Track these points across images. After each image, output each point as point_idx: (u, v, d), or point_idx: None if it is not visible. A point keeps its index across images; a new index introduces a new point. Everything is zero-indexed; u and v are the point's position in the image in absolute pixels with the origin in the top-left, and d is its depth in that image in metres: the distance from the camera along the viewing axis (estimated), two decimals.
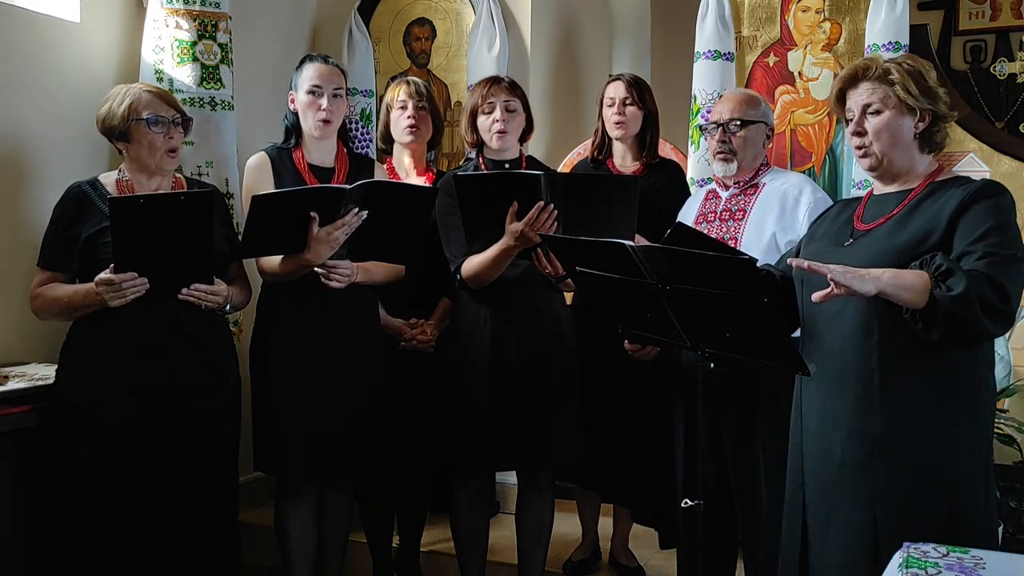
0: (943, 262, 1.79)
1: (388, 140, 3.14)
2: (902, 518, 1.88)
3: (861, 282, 1.75)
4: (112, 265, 2.33)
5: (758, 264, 2.25)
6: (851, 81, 2.04)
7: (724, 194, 2.68)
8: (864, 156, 2.03)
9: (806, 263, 1.80)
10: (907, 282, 1.78)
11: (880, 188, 2.09)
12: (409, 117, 3.02)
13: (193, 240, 2.37)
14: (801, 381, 2.10)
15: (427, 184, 3.01)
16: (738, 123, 2.60)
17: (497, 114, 2.74)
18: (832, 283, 1.76)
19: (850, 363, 1.95)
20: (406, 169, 3.10)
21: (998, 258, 1.81)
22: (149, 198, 2.37)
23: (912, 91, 1.97)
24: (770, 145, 2.74)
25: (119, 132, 2.49)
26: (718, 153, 2.62)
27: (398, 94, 3.06)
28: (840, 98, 2.07)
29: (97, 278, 2.34)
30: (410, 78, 3.16)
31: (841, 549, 1.97)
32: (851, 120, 2.04)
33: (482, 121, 2.77)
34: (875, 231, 1.99)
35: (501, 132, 2.75)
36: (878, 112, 1.99)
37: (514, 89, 2.80)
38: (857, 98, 2.02)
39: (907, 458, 1.90)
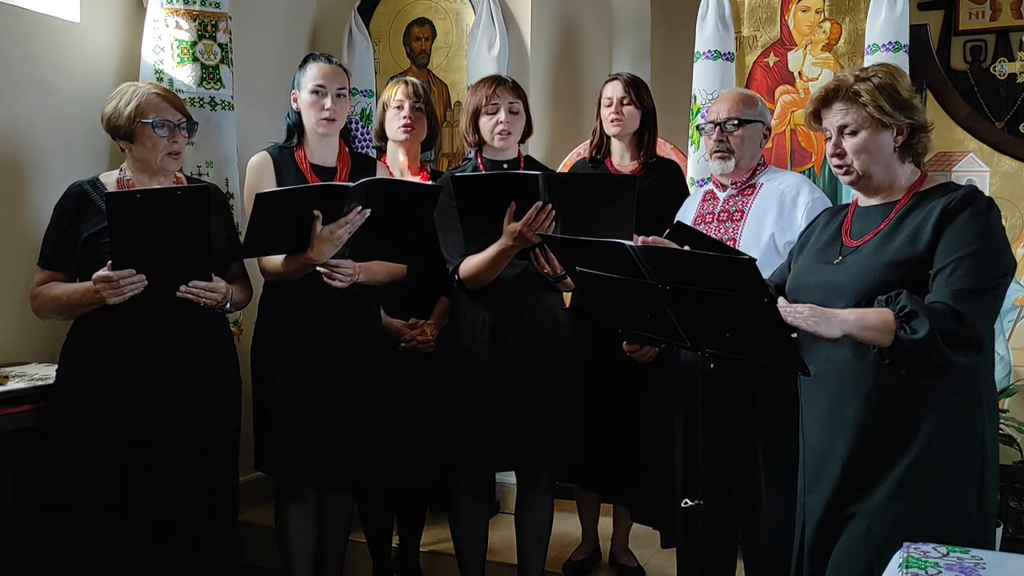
0: (907, 303, 1.79)
1: (383, 138, 3.14)
2: (898, 531, 1.86)
3: (828, 326, 1.80)
4: (110, 262, 2.32)
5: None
6: (824, 102, 2.02)
7: (721, 195, 2.68)
8: (845, 173, 2.02)
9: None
10: (871, 323, 1.81)
11: (864, 200, 2.08)
12: (404, 117, 3.02)
13: (191, 236, 2.36)
14: (802, 395, 2.10)
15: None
16: (735, 123, 2.59)
17: (502, 115, 2.74)
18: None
19: (848, 380, 1.95)
20: (400, 167, 3.10)
21: (968, 290, 1.81)
22: (146, 193, 2.37)
23: (885, 108, 1.94)
24: (767, 145, 2.74)
25: (124, 132, 2.49)
26: (715, 152, 2.62)
27: (395, 93, 3.06)
28: (816, 117, 2.06)
29: (95, 275, 2.33)
30: (409, 78, 3.15)
31: (838, 563, 1.96)
32: (829, 140, 2.02)
33: (485, 122, 2.77)
34: (862, 248, 1.99)
35: (505, 133, 2.75)
36: (854, 132, 1.97)
37: (517, 90, 2.80)
38: (832, 119, 2.00)
39: (907, 471, 1.89)
